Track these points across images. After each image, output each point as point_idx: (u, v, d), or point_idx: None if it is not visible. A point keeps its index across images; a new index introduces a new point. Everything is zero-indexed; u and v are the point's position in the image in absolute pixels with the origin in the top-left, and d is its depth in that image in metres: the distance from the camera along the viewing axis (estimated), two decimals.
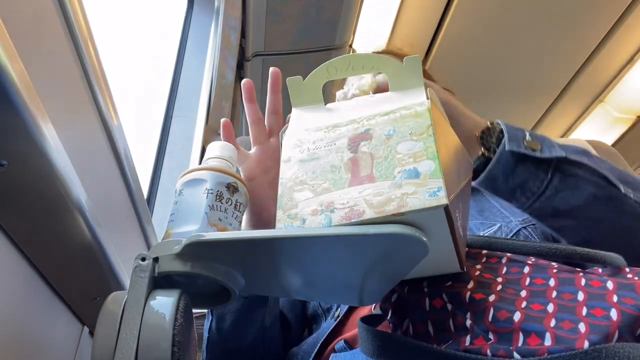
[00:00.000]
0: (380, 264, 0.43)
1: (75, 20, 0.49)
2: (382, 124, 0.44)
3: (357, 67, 0.50)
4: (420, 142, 0.41)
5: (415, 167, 0.39)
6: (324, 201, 0.40)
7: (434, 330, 0.44)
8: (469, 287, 0.45)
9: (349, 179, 0.41)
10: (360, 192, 0.39)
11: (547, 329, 0.39)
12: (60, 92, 0.47)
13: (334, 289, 0.48)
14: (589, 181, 0.60)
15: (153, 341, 0.37)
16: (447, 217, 0.38)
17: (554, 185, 0.60)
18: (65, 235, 0.45)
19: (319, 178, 0.42)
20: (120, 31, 1.08)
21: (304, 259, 0.42)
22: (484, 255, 0.50)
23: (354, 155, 0.42)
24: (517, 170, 0.61)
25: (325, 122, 0.47)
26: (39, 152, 0.36)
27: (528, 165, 0.60)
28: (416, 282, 0.48)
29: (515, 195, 0.62)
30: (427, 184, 0.38)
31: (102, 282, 0.53)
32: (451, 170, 0.42)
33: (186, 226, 0.44)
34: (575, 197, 0.60)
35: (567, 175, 0.60)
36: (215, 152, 0.50)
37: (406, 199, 0.38)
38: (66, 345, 0.54)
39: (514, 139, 0.61)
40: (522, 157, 0.60)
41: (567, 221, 0.62)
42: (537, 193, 0.61)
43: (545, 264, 0.48)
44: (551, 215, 0.62)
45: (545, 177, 0.61)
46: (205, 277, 0.42)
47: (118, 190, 0.63)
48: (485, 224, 0.74)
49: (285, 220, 0.41)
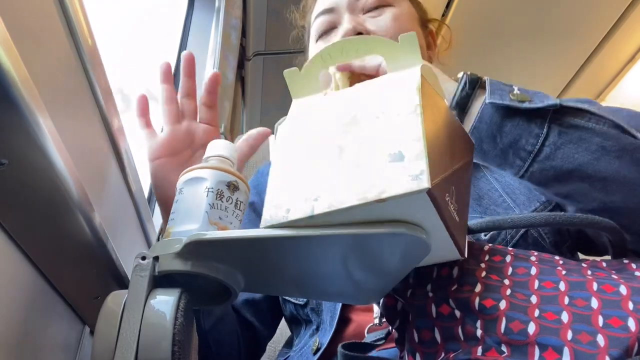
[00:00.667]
0: (381, 263, 0.43)
1: (76, 19, 0.49)
2: (371, 107, 0.42)
3: (351, 51, 0.49)
4: (407, 123, 0.39)
5: (400, 150, 0.38)
6: (309, 190, 0.39)
7: (441, 337, 0.43)
8: (476, 291, 0.42)
9: (336, 166, 0.40)
10: (345, 179, 0.38)
11: (564, 343, 0.37)
12: (61, 91, 0.47)
13: (333, 287, 0.48)
14: (594, 131, 0.51)
15: (153, 340, 0.37)
16: (434, 201, 0.36)
17: (551, 140, 0.52)
18: (66, 234, 0.45)
19: (307, 167, 0.41)
20: (121, 30, 1.08)
21: (304, 258, 0.42)
22: (486, 253, 0.48)
23: (342, 142, 0.41)
24: (505, 128, 0.53)
25: (319, 112, 0.46)
26: (40, 151, 0.36)
27: (517, 120, 0.52)
28: (420, 286, 0.46)
29: (508, 158, 0.54)
30: (410, 167, 0.36)
31: (103, 281, 0.53)
32: (441, 152, 0.40)
33: (187, 225, 0.44)
34: (581, 152, 0.51)
35: (567, 127, 0.52)
36: (216, 151, 0.50)
37: (388, 184, 0.36)
38: (67, 344, 0.54)
39: (496, 91, 0.53)
40: (508, 111, 0.52)
41: (575, 184, 0.53)
42: (532, 152, 0.53)
43: (549, 258, 0.46)
44: (555, 179, 0.53)
45: (540, 132, 0.52)
46: (206, 276, 0.42)
47: (119, 189, 0.63)
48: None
49: (270, 209, 0.40)
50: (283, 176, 0.42)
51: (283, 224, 0.39)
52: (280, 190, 0.41)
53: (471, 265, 0.46)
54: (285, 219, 0.39)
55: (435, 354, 0.42)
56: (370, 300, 0.51)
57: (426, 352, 0.43)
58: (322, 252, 0.41)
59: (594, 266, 0.46)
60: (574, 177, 0.52)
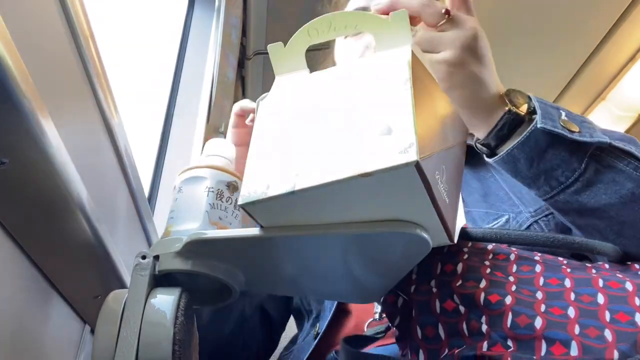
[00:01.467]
0: (381, 261, 0.43)
1: (77, 18, 0.49)
2: (360, 81, 0.41)
3: (340, 27, 0.46)
4: (396, 98, 0.38)
5: (388, 124, 0.36)
6: (292, 167, 0.37)
7: (445, 333, 0.42)
8: (481, 286, 0.42)
9: (321, 143, 0.38)
10: (331, 155, 0.36)
11: (572, 337, 0.37)
12: (62, 90, 0.47)
13: (334, 286, 0.48)
14: (630, 177, 0.50)
15: (154, 339, 0.37)
16: (422, 176, 0.34)
17: (586, 177, 0.51)
18: (66, 233, 0.45)
19: (290, 144, 0.39)
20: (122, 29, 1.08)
21: (304, 256, 0.42)
22: (490, 252, 0.47)
23: (329, 117, 0.40)
24: (547, 155, 0.51)
25: (304, 89, 0.45)
26: (40, 150, 0.36)
27: (560, 149, 0.50)
28: (423, 282, 0.46)
29: (538, 182, 0.53)
30: (398, 141, 0.34)
31: (103, 281, 0.53)
32: (431, 129, 0.39)
33: (187, 224, 0.44)
34: (609, 194, 0.50)
35: (605, 167, 0.51)
36: (215, 150, 0.50)
37: (375, 157, 0.34)
38: (68, 343, 0.54)
39: (548, 115, 0.51)
40: (556, 139, 0.50)
41: (593, 220, 0.52)
42: (564, 184, 0.51)
43: (553, 258, 0.46)
44: (576, 212, 0.53)
45: (578, 167, 0.50)
46: (206, 275, 0.42)
47: (119, 188, 0.63)
48: (490, 214, 0.67)
49: (249, 185, 0.38)
50: (263, 152, 0.40)
51: (262, 200, 0.37)
52: (260, 167, 0.39)
53: (475, 263, 0.45)
54: (265, 195, 0.37)
55: (439, 350, 0.42)
56: (371, 299, 0.51)
57: (430, 349, 0.43)
58: (322, 252, 0.41)
59: (597, 267, 0.46)
60: (595, 214, 0.52)
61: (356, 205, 0.37)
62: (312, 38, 0.47)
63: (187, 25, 1.46)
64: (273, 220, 0.39)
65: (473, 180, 0.73)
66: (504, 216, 0.65)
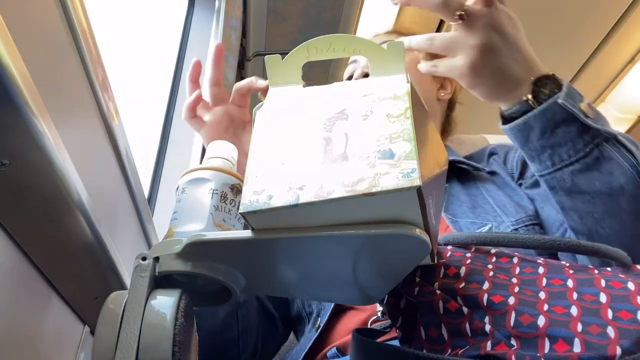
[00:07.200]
0: (381, 263, 0.43)
1: (77, 19, 0.49)
2: (359, 104, 0.43)
3: (339, 48, 0.48)
4: (397, 124, 0.40)
5: (390, 148, 0.38)
6: (294, 179, 0.39)
7: (448, 334, 0.43)
8: (484, 288, 0.43)
9: (322, 157, 0.40)
10: (332, 171, 0.38)
11: (575, 334, 0.37)
12: (62, 91, 0.47)
13: (335, 289, 0.48)
14: (625, 173, 0.54)
15: (154, 341, 0.37)
16: (420, 200, 0.37)
17: (587, 161, 0.55)
18: (66, 235, 0.45)
19: (290, 156, 0.41)
20: (122, 30, 1.08)
21: (304, 258, 0.42)
22: (493, 255, 0.48)
23: (329, 134, 0.41)
24: (558, 130, 0.55)
25: (301, 102, 0.46)
26: (40, 152, 0.36)
27: (572, 128, 0.55)
28: (427, 284, 0.46)
29: (542, 156, 0.57)
30: (401, 165, 0.37)
31: (103, 282, 0.53)
32: (427, 156, 0.41)
33: (191, 225, 0.44)
34: (602, 183, 0.54)
35: (606, 157, 0.55)
36: (218, 152, 0.50)
37: (379, 179, 0.37)
38: (68, 345, 0.54)
39: (571, 96, 0.56)
40: (571, 117, 0.54)
41: (580, 203, 0.56)
42: (565, 162, 0.55)
43: (557, 263, 0.47)
44: (568, 191, 0.57)
45: (582, 149, 0.54)
46: (206, 277, 0.42)
47: (119, 190, 0.63)
48: (475, 224, 0.72)
49: (250, 196, 0.39)
50: (263, 163, 0.41)
51: (264, 210, 0.38)
52: (261, 177, 0.40)
53: (478, 266, 0.46)
54: (267, 205, 0.38)
55: (442, 351, 0.42)
56: (372, 300, 0.51)
57: (433, 349, 0.43)
58: (323, 253, 0.41)
59: (599, 268, 0.46)
60: (582, 198, 0.55)
61: (350, 218, 0.39)
62: (311, 55, 0.49)
63: (187, 26, 1.46)
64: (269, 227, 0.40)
65: (462, 195, 0.78)
66: (486, 224, 0.71)
